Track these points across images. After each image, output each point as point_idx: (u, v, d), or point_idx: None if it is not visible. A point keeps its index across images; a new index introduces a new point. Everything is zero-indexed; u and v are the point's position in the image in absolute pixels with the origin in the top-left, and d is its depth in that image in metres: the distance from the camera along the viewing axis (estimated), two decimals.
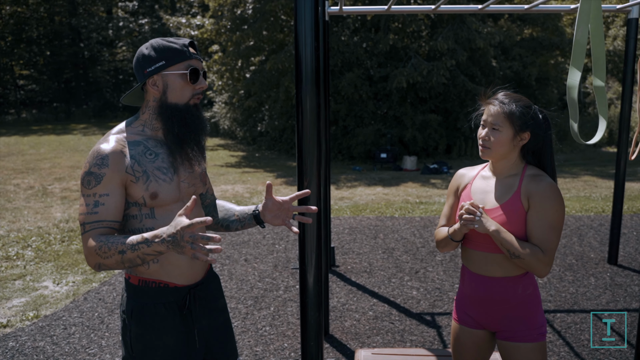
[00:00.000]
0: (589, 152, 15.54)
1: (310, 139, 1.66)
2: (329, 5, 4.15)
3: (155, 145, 1.79)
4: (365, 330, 3.80)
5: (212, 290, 1.98)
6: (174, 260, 1.80)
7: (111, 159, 1.69)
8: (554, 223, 1.92)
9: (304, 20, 1.58)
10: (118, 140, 1.75)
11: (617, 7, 4.38)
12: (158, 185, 1.74)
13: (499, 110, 1.97)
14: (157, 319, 1.81)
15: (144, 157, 1.74)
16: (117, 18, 29.03)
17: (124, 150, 1.72)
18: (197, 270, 1.88)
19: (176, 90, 1.77)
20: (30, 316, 4.07)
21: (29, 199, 8.55)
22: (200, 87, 1.81)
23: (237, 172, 11.94)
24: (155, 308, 1.81)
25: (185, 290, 1.85)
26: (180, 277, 1.83)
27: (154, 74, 1.75)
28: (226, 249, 5.63)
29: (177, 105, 1.78)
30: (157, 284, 1.80)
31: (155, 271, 1.79)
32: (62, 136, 18.87)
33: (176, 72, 1.75)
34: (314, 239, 1.76)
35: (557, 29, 15.76)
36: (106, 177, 1.67)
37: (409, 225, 6.57)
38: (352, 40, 13.87)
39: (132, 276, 1.82)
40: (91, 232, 1.66)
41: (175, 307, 1.83)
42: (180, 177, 1.82)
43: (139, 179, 1.72)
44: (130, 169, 1.71)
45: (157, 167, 1.76)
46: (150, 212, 1.76)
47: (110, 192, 1.68)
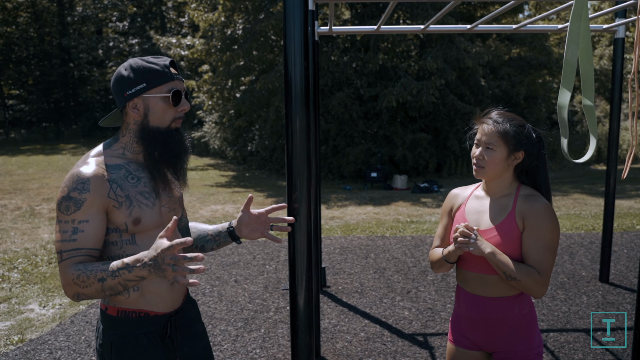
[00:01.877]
0: (577, 169, 15.65)
1: (299, 159, 1.64)
2: (319, 25, 4.16)
3: (137, 169, 1.72)
4: (357, 352, 3.75)
5: (191, 316, 1.92)
6: (154, 288, 1.74)
7: (92, 184, 1.61)
8: (549, 244, 1.90)
9: (293, 40, 1.56)
10: (98, 163, 1.67)
11: (603, 27, 4.43)
12: (141, 210, 1.68)
13: (492, 129, 1.96)
14: (139, 350, 1.74)
15: (126, 182, 1.68)
16: (107, 38, 29.10)
17: (105, 174, 1.65)
18: (176, 297, 1.83)
19: (158, 113, 1.71)
20: (14, 340, 3.99)
21: (16, 220, 8.44)
22: (182, 110, 1.75)
23: (227, 192, 11.89)
24: (136, 339, 1.74)
25: (165, 318, 1.79)
26: (160, 305, 1.77)
27: (135, 96, 1.68)
28: (216, 270, 5.57)
29: (159, 129, 1.72)
30: (137, 313, 1.73)
31: (135, 300, 1.73)
32: (51, 156, 18.75)
33: (158, 95, 1.69)
34: (304, 261, 1.73)
35: (544, 49, 15.97)
36: (87, 203, 1.59)
37: (400, 245, 6.54)
38: (342, 60, 13.97)
39: (109, 307, 1.74)
40: (68, 260, 1.57)
41: (157, 337, 1.77)
42: (161, 201, 1.77)
43: (121, 205, 1.65)
44: (112, 193, 1.64)
45: (140, 191, 1.70)
46: (131, 238, 1.69)
47: (90, 218, 1.60)
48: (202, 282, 5.19)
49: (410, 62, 14.08)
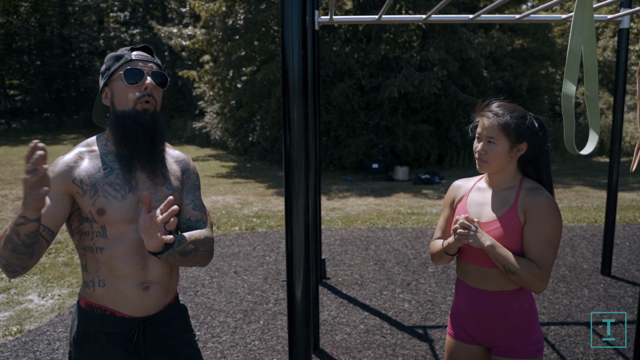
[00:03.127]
0: (580, 162, 15.60)
1: (297, 150, 1.61)
2: (320, 15, 4.12)
3: (112, 160, 1.70)
4: (356, 345, 3.73)
5: (172, 327, 1.84)
6: (121, 288, 1.70)
7: (59, 167, 1.65)
8: (550, 238, 1.87)
9: (291, 29, 1.53)
10: (79, 153, 1.70)
11: (608, 17, 4.37)
12: (106, 201, 1.64)
13: (493, 122, 1.91)
14: (97, 348, 1.71)
15: (97, 172, 1.67)
16: (108, 28, 28.99)
17: (78, 161, 1.67)
18: (149, 303, 1.75)
19: (120, 96, 1.69)
20: (13, 331, 3.98)
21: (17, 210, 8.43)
22: (144, 87, 1.67)
23: (228, 183, 11.87)
24: (96, 336, 1.71)
25: (133, 322, 1.73)
26: (128, 307, 1.72)
27: (105, 86, 1.72)
28: (215, 261, 5.55)
29: (124, 112, 1.68)
30: (102, 310, 1.71)
31: (100, 296, 1.70)
32: (52, 146, 18.73)
33: (116, 76, 1.69)
34: (301, 253, 1.70)
35: (547, 40, 15.86)
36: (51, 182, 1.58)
37: (400, 236, 6.51)
38: (344, 50, 13.89)
39: (81, 298, 1.75)
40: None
41: (120, 339, 1.72)
42: (137, 196, 1.70)
43: (85, 192, 1.64)
44: (78, 180, 1.65)
45: (109, 182, 1.67)
46: (102, 230, 1.66)
47: (50, 198, 1.60)
48: (201, 273, 5.18)
49: (412, 52, 13.99)
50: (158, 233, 1.54)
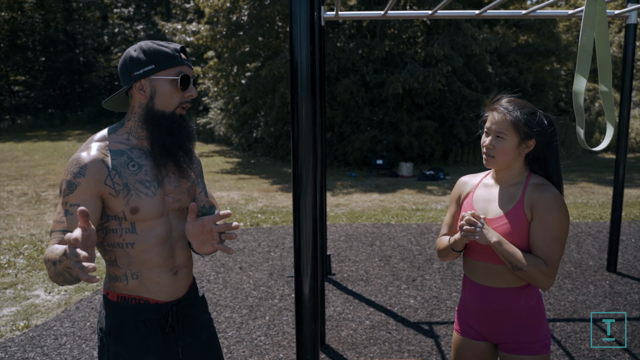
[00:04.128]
0: (585, 158, 15.55)
1: (305, 146, 1.61)
2: (325, 11, 4.11)
3: (139, 156, 1.68)
4: (362, 340, 3.73)
5: (196, 306, 1.89)
6: (155, 277, 1.72)
7: (89, 169, 1.59)
8: (557, 234, 1.86)
9: (299, 25, 1.52)
10: (100, 148, 1.64)
11: (615, 12, 4.35)
12: (139, 199, 1.64)
13: (503, 117, 1.90)
14: (137, 337, 1.72)
15: (126, 169, 1.64)
16: (112, 24, 29.01)
17: (105, 159, 1.62)
18: (179, 286, 1.80)
19: (164, 96, 1.67)
20: (20, 326, 3.99)
21: (22, 206, 8.46)
22: (189, 95, 1.71)
23: (233, 179, 11.88)
24: (135, 326, 1.72)
25: (167, 306, 1.77)
26: (161, 294, 1.75)
27: (142, 77, 1.65)
28: (220, 257, 5.56)
29: (164, 113, 1.68)
30: (137, 300, 1.71)
31: (134, 287, 1.71)
32: (56, 142, 18.78)
33: (166, 78, 1.65)
34: (309, 249, 1.70)
35: (552, 35, 15.80)
36: (80, 187, 1.57)
37: (405, 233, 6.51)
38: (348, 46, 13.87)
39: (110, 292, 1.73)
40: (53, 240, 1.54)
41: (156, 325, 1.75)
42: (165, 190, 1.72)
43: (119, 193, 1.62)
44: (110, 180, 1.61)
45: (140, 180, 1.65)
46: (131, 226, 1.66)
47: (81, 202, 1.56)
48: (206, 269, 5.19)
49: (417, 48, 13.96)
50: (213, 241, 1.66)
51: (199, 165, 1.94)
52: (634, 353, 3.48)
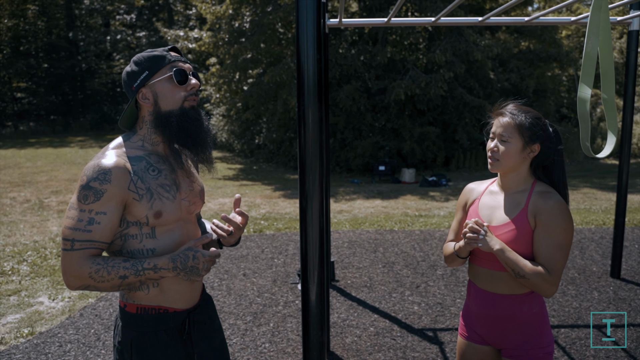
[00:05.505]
0: (587, 163, 15.54)
1: (312, 152, 1.61)
2: (328, 18, 4.13)
3: (157, 161, 1.70)
4: (366, 347, 3.73)
5: (208, 313, 1.91)
6: (174, 285, 1.73)
7: (114, 175, 1.58)
8: (561, 242, 1.87)
9: (306, 32, 1.53)
10: (119, 154, 1.64)
11: (617, 19, 4.36)
12: (162, 203, 1.65)
13: (508, 121, 1.93)
14: (159, 347, 1.72)
15: (147, 174, 1.65)
16: (114, 31, 29.12)
17: (126, 165, 1.62)
18: (195, 293, 1.82)
19: (166, 96, 1.68)
20: (24, 333, 4.00)
21: (25, 213, 8.47)
22: (192, 87, 1.71)
23: (235, 185, 11.89)
24: (157, 336, 1.72)
25: (184, 314, 1.78)
26: (180, 302, 1.76)
27: (141, 87, 1.68)
28: (224, 264, 5.56)
29: (172, 112, 1.69)
30: (157, 310, 1.71)
31: (154, 296, 1.70)
32: (59, 149, 18.82)
33: (161, 78, 1.68)
34: (316, 255, 1.70)
35: (554, 42, 15.84)
36: (107, 195, 1.56)
37: (408, 239, 6.51)
38: (350, 52, 13.90)
39: (128, 304, 1.72)
40: (82, 251, 1.55)
41: (175, 333, 1.76)
42: (182, 194, 1.74)
43: (142, 197, 1.62)
44: (133, 186, 1.61)
45: (161, 184, 1.67)
46: (152, 231, 1.67)
47: (107, 211, 1.57)
48: (210, 275, 5.19)
49: (419, 54, 14.00)
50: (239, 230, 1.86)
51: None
52: (636, 357, 3.47)
